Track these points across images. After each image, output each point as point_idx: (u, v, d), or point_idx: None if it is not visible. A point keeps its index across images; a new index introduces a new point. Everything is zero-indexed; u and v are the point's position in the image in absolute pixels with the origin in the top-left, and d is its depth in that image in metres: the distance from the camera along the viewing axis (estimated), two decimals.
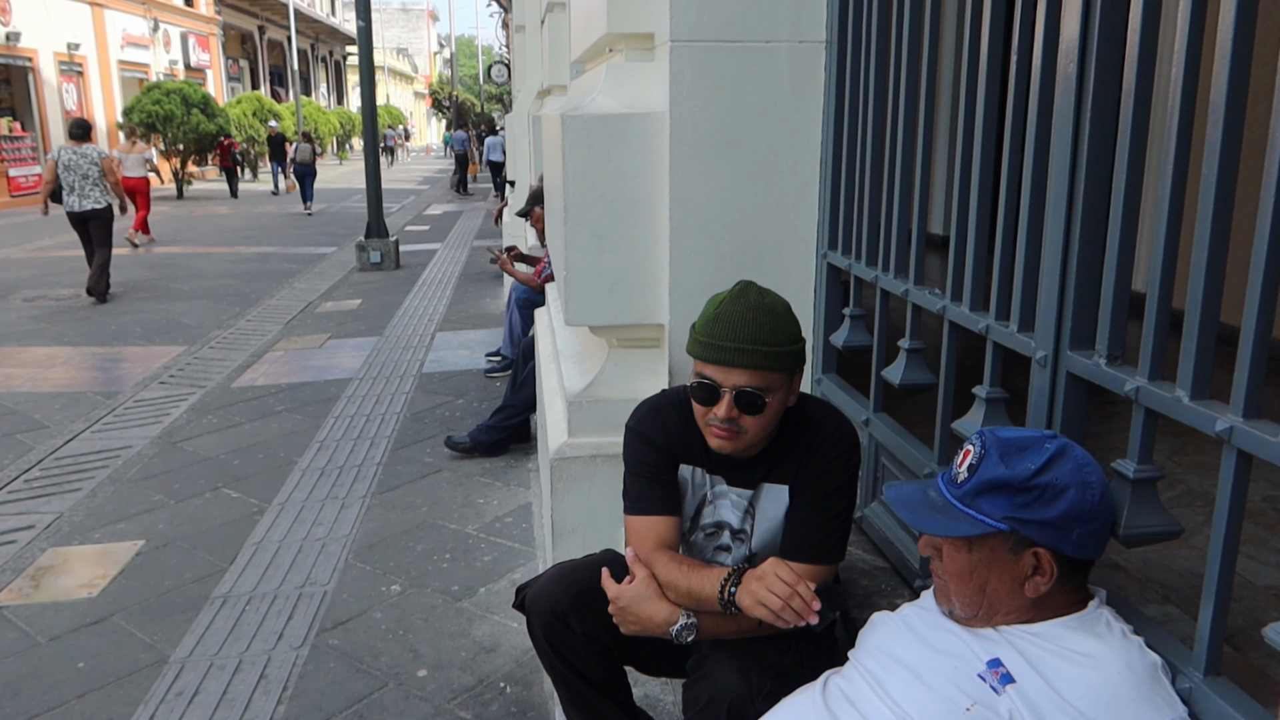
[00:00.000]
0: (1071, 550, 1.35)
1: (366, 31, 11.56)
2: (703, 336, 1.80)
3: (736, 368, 1.76)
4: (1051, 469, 1.34)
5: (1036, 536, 1.34)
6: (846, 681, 1.53)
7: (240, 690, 2.89)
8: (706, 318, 1.81)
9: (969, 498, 1.38)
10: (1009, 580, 1.37)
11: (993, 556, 1.37)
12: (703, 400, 1.81)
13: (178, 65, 30.44)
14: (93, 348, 7.64)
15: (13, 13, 21.47)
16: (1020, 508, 1.34)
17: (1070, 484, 1.33)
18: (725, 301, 1.80)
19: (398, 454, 5.02)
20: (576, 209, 2.60)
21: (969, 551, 1.39)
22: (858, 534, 2.47)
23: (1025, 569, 1.36)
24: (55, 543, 3.99)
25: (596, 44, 2.99)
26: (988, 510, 1.36)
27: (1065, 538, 1.34)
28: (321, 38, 47.44)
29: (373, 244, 11.75)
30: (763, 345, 1.76)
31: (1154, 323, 1.41)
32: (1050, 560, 1.35)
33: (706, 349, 1.79)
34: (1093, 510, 1.35)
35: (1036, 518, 1.33)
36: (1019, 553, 1.36)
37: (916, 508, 1.46)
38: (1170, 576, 2.33)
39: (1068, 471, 1.34)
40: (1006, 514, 1.34)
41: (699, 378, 1.81)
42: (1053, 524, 1.33)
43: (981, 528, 1.36)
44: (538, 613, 2.01)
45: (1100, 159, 1.54)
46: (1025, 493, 1.33)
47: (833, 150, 2.56)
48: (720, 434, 1.82)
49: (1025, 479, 1.33)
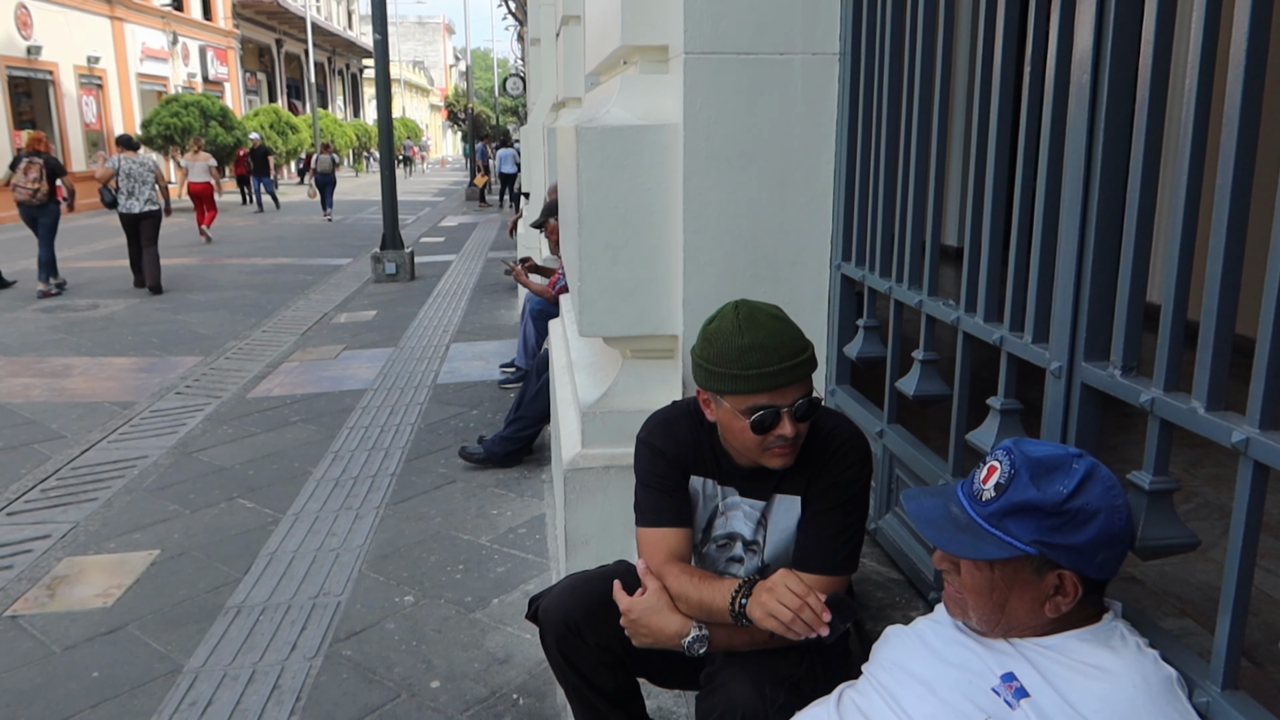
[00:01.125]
0: (1095, 573, 1.33)
1: (383, 44, 11.64)
2: (744, 370, 1.73)
3: (790, 385, 1.74)
4: (1082, 493, 1.30)
5: (1063, 560, 1.31)
6: (860, 695, 1.52)
7: (254, 701, 2.89)
8: (733, 350, 1.74)
9: (996, 518, 1.34)
10: (1029, 600, 1.35)
11: (1015, 576, 1.35)
12: (762, 429, 1.76)
13: (196, 78, 30.73)
14: (110, 358, 7.70)
15: (34, 27, 21.73)
16: (1049, 531, 1.30)
17: (1100, 509, 1.30)
18: (745, 329, 1.75)
19: (412, 465, 5.03)
20: (591, 220, 2.61)
21: (990, 570, 1.36)
22: (871, 546, 2.46)
23: (1048, 589, 1.34)
24: (71, 552, 4.01)
25: (611, 56, 3.01)
26: (1015, 532, 1.32)
27: (1090, 561, 1.32)
28: (338, 51, 47.78)
29: (388, 255, 11.80)
30: (801, 354, 1.76)
31: (1169, 333, 1.40)
32: (1074, 581, 1.32)
33: (759, 380, 1.73)
34: (1119, 534, 1.33)
35: (1065, 542, 1.30)
36: (1043, 573, 1.33)
37: (940, 525, 1.42)
38: (1187, 590, 2.31)
39: (1098, 495, 1.31)
40: (1035, 537, 1.31)
41: (756, 410, 1.74)
42: (1080, 548, 1.30)
43: (1009, 550, 1.32)
44: (551, 624, 2.01)
45: (1114, 169, 1.53)
46: (1056, 517, 1.30)
47: (846, 161, 2.56)
48: (784, 451, 1.79)
49: (1057, 504, 1.30)
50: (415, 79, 73.12)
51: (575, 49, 4.85)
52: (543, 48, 8.49)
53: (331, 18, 49.31)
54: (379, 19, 11.58)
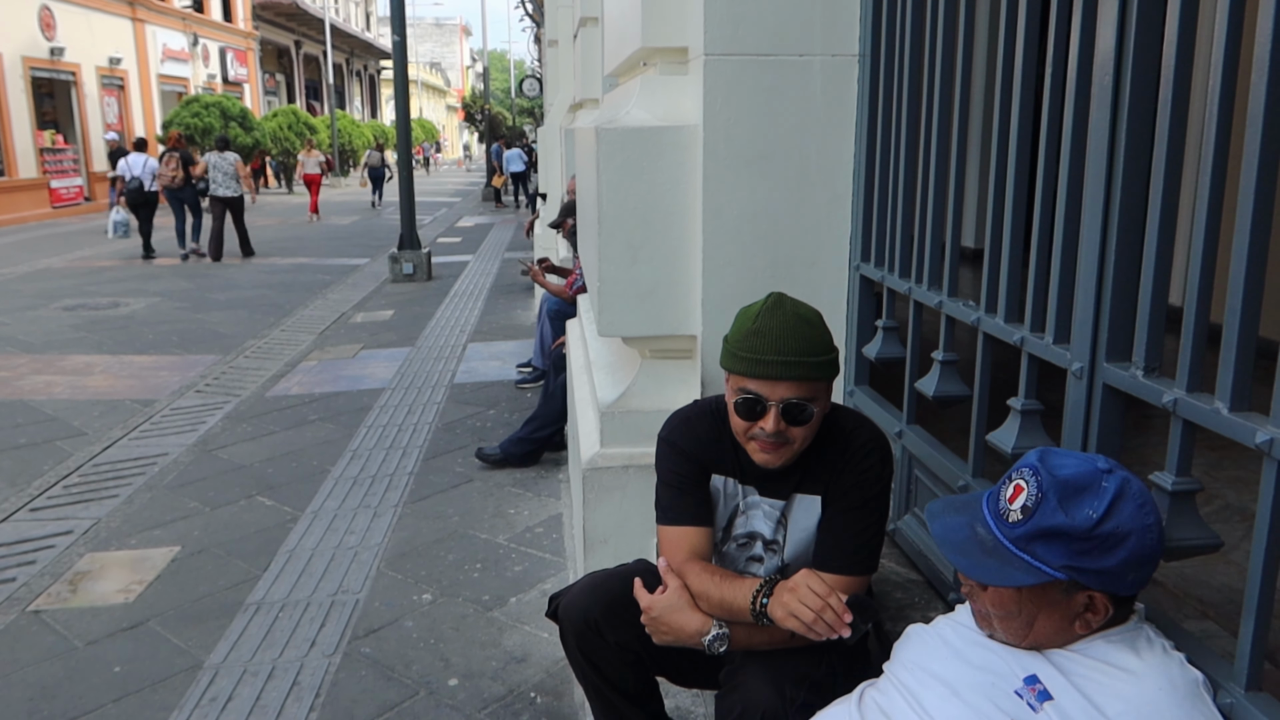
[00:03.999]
0: (1126, 591, 1.32)
1: (401, 46, 11.68)
2: (743, 352, 1.77)
3: (782, 381, 1.75)
4: (1113, 516, 1.26)
5: (1093, 584, 1.29)
6: (882, 695, 1.52)
7: (273, 697, 2.91)
8: (743, 332, 1.79)
9: (1023, 542, 1.30)
10: (1058, 618, 1.33)
11: (1044, 598, 1.32)
12: (747, 415, 1.79)
13: (216, 79, 30.93)
14: (131, 356, 7.76)
15: (57, 28, 21.92)
16: (1079, 556, 1.27)
17: (1132, 530, 1.27)
18: (762, 315, 1.78)
19: (429, 464, 5.05)
20: (610, 221, 2.62)
21: (1018, 593, 1.33)
22: (891, 546, 2.46)
23: (1077, 608, 1.32)
24: (93, 548, 4.05)
25: (630, 58, 3.02)
26: (1044, 557, 1.29)
27: (1121, 581, 1.29)
28: (356, 52, 47.97)
29: (405, 255, 11.84)
30: (806, 356, 1.75)
31: (1192, 332, 1.40)
32: (1105, 602, 1.31)
33: (749, 364, 1.76)
34: (1151, 554, 1.29)
35: (1095, 566, 1.27)
36: (1072, 594, 1.31)
37: (965, 549, 1.38)
38: (1208, 592, 2.30)
39: (1129, 516, 1.27)
40: (1065, 563, 1.28)
41: (742, 393, 1.79)
42: (1111, 571, 1.28)
43: (1038, 577, 1.29)
44: (571, 621, 2.02)
45: (1136, 169, 1.53)
46: (1086, 541, 1.27)
47: (865, 162, 2.56)
48: (766, 448, 1.81)
49: (1087, 529, 1.26)
50: (432, 80, 73.34)
51: (593, 51, 4.86)
52: (560, 49, 8.51)
53: (350, 19, 49.54)
54: (398, 20, 11.63)
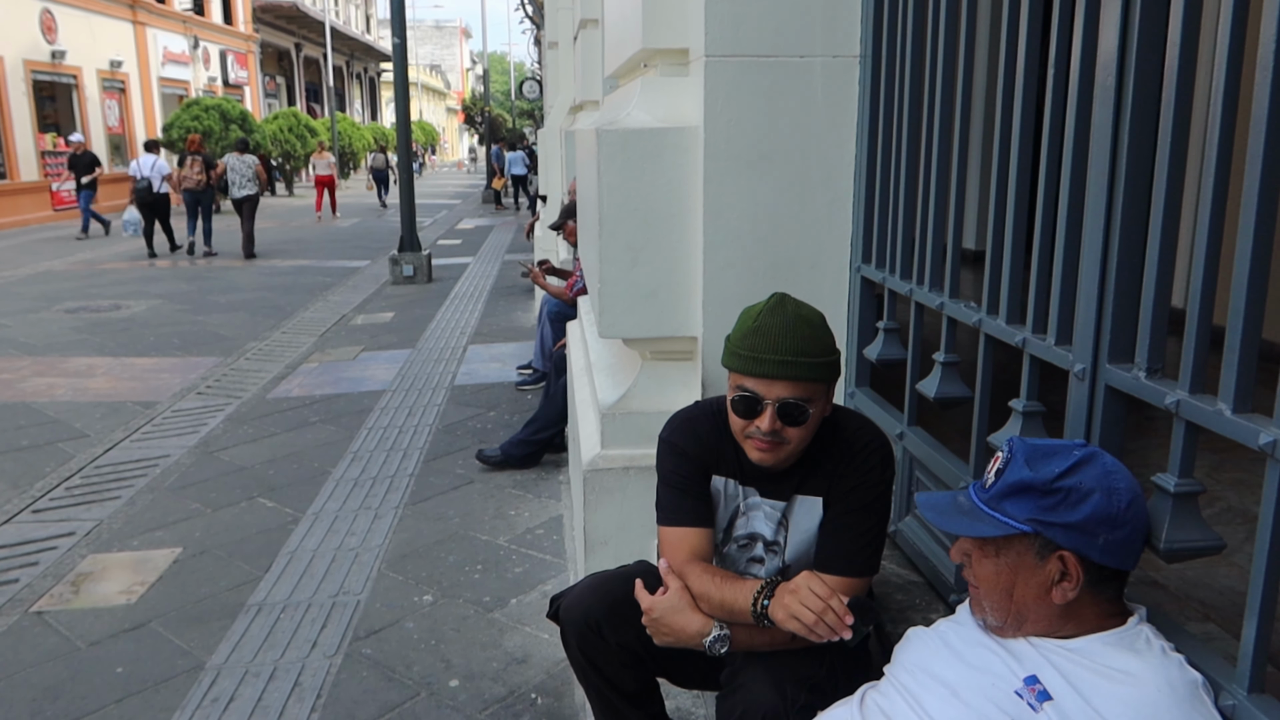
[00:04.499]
0: (1099, 556, 1.34)
1: (401, 48, 11.69)
2: (742, 350, 1.78)
3: (779, 380, 1.75)
4: (1076, 473, 1.35)
5: (1060, 540, 1.34)
6: (883, 697, 1.52)
7: (275, 698, 2.91)
8: (744, 330, 1.80)
9: (995, 500, 1.40)
10: (1035, 586, 1.37)
11: (1019, 561, 1.38)
12: (743, 413, 1.80)
13: (216, 82, 30.92)
14: (132, 358, 7.76)
15: (59, 31, 21.92)
16: (1044, 510, 1.34)
17: (1095, 489, 1.34)
18: (763, 314, 1.79)
19: (430, 465, 5.05)
20: (611, 222, 2.62)
21: (996, 556, 1.41)
22: (892, 548, 2.46)
23: (1052, 574, 1.36)
24: (95, 549, 4.05)
25: (631, 59, 3.02)
26: (1012, 512, 1.37)
27: (1091, 543, 1.33)
28: (356, 55, 47.99)
29: (406, 258, 11.84)
30: (804, 356, 1.75)
31: (1195, 334, 1.40)
32: (1076, 565, 1.34)
33: (747, 362, 1.77)
34: (1119, 516, 1.34)
35: (1060, 520, 1.34)
36: (1045, 557, 1.36)
37: (944, 510, 1.48)
38: (1210, 595, 2.29)
39: (1093, 477, 1.35)
40: (1030, 515, 1.36)
41: (739, 391, 1.80)
42: (1077, 527, 1.33)
43: (1004, 529, 1.38)
44: (572, 622, 2.02)
45: (1139, 170, 1.53)
46: (1049, 495, 1.34)
47: (866, 164, 2.56)
48: (762, 446, 1.81)
49: (1048, 481, 1.34)
50: (432, 82, 73.37)
51: (593, 52, 4.86)
52: (560, 51, 8.52)
53: (350, 22, 49.57)
54: (398, 23, 11.63)
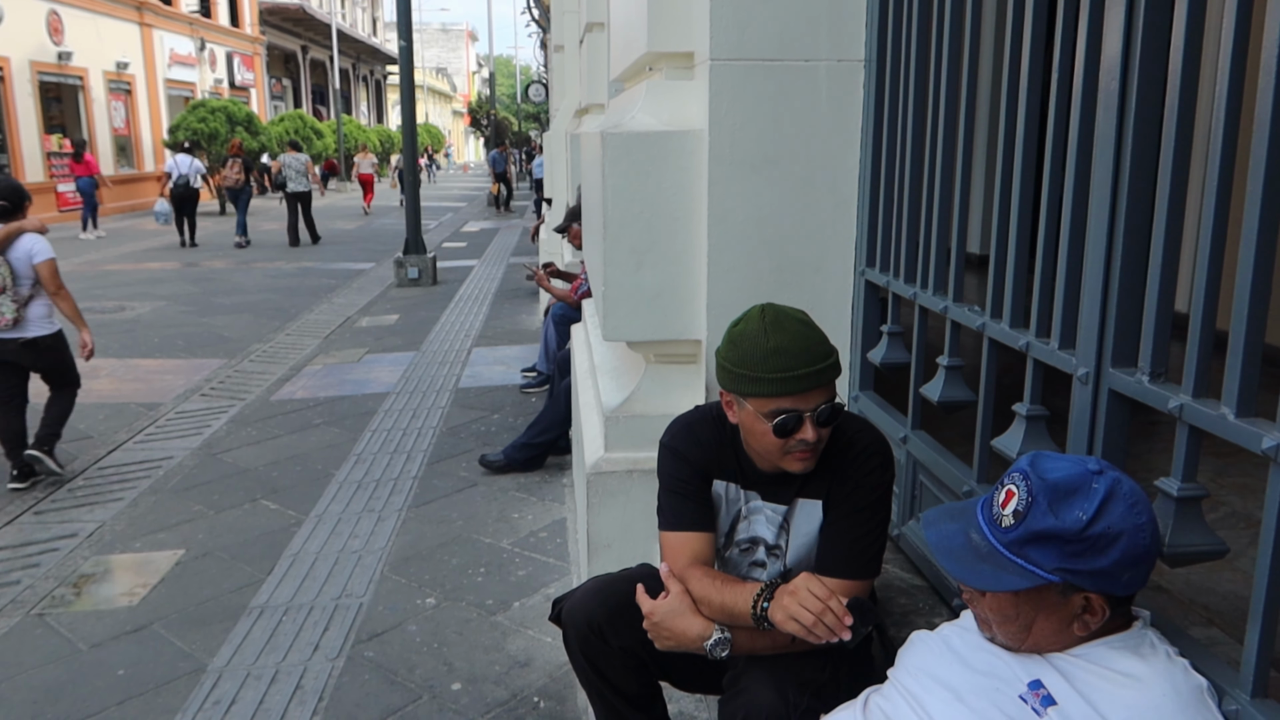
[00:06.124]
0: (1122, 591, 1.31)
1: (408, 51, 11.71)
2: (771, 374, 1.72)
3: (814, 390, 1.73)
4: (1104, 517, 1.27)
5: (1087, 585, 1.29)
6: (886, 700, 1.52)
7: (276, 700, 2.91)
8: (759, 354, 1.74)
9: (1016, 546, 1.31)
10: (1057, 620, 1.33)
11: (1041, 600, 1.32)
12: (785, 433, 1.76)
13: (223, 84, 31.00)
14: (136, 360, 7.77)
15: (65, 33, 22.00)
16: (1071, 558, 1.27)
17: (1123, 530, 1.26)
18: (770, 333, 1.74)
19: (433, 468, 5.05)
20: (615, 225, 2.62)
21: (1015, 596, 1.34)
22: (895, 552, 2.46)
23: (1075, 609, 1.32)
24: (97, 551, 4.05)
25: (636, 63, 3.02)
26: (1037, 560, 1.29)
27: (1116, 582, 1.29)
28: (362, 57, 48.08)
29: (411, 260, 11.86)
30: (826, 359, 1.75)
31: (1198, 338, 1.40)
32: (1101, 602, 1.30)
33: (783, 383, 1.72)
34: (1144, 553, 1.29)
35: (1088, 568, 1.27)
36: (1068, 595, 1.31)
37: (960, 556, 1.39)
38: (1214, 599, 2.29)
39: (1119, 516, 1.27)
40: (1057, 565, 1.28)
41: (779, 414, 1.74)
42: (1104, 572, 1.28)
43: (1032, 580, 1.30)
44: (574, 626, 2.01)
45: (1142, 174, 1.53)
46: (1077, 543, 1.27)
47: (871, 168, 2.56)
48: (804, 456, 1.79)
49: (1078, 531, 1.26)
50: (438, 85, 73.49)
51: (599, 56, 4.88)
52: (566, 55, 8.54)
53: (356, 24, 49.68)
54: (404, 26, 11.65)
